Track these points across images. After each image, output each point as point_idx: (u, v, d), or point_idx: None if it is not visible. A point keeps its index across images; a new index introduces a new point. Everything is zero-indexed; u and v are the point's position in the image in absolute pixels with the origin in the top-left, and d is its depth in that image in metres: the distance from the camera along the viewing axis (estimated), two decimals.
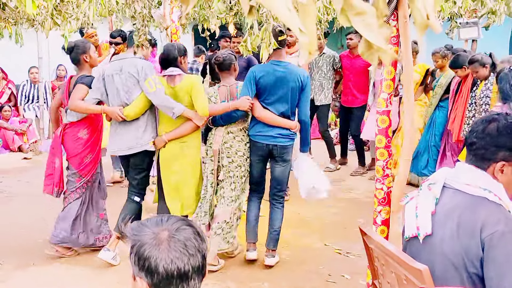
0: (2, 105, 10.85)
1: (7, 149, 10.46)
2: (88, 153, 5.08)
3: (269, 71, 4.76)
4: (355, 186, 7.59)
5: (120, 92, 4.73)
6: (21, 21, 8.69)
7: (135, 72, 4.69)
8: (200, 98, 4.65)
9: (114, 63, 4.86)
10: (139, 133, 4.78)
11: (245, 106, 4.69)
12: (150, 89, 4.61)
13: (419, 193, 2.43)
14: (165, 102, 4.62)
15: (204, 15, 7.38)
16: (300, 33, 0.97)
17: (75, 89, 4.89)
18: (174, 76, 4.75)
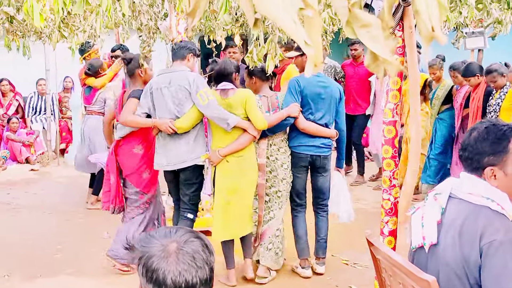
0: (10, 117, 10.90)
1: (14, 160, 10.49)
2: (145, 169, 4.95)
3: (312, 82, 4.78)
4: (362, 196, 7.57)
5: (170, 105, 4.59)
6: (28, 33, 8.75)
7: (186, 84, 4.56)
8: (257, 111, 4.58)
9: (162, 76, 4.72)
10: (190, 147, 4.64)
11: (296, 112, 4.67)
12: (202, 101, 4.48)
13: (425, 203, 2.42)
14: (219, 114, 4.49)
15: (210, 27, 7.39)
16: (306, 45, 0.98)
17: (127, 103, 4.82)
18: (227, 90, 4.64)
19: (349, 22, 1.12)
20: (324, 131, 4.83)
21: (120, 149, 4.95)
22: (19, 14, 4.76)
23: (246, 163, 4.64)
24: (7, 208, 7.33)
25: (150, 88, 4.70)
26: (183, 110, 4.59)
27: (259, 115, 4.57)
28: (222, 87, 4.66)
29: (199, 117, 4.61)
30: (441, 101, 7.31)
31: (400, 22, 3.72)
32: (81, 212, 6.97)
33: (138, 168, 4.92)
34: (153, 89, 4.67)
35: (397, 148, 4.01)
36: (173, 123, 4.56)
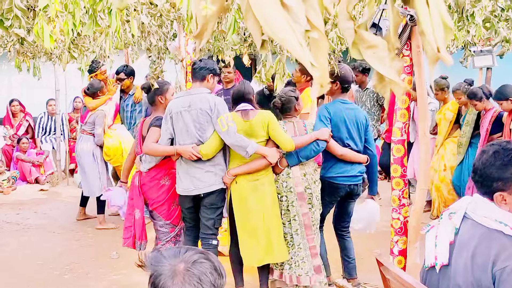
0: (20, 137, 10.98)
1: (24, 181, 10.55)
2: (173, 200, 4.83)
3: (340, 109, 4.74)
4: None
5: (191, 129, 4.48)
6: (39, 55, 8.85)
7: (207, 108, 4.45)
8: (282, 133, 4.48)
9: (180, 99, 4.60)
10: (216, 169, 4.54)
11: (326, 135, 4.55)
12: (222, 128, 4.36)
13: (440, 222, 2.40)
14: (238, 142, 4.37)
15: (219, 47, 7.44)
16: (312, 67, 0.99)
17: (149, 133, 4.71)
18: (247, 111, 4.55)
19: (355, 43, 1.13)
20: (359, 156, 4.76)
21: (145, 182, 4.82)
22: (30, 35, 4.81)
23: (263, 185, 4.52)
24: (17, 228, 7.35)
25: (170, 112, 4.57)
26: (205, 134, 4.48)
27: (285, 135, 4.48)
28: (243, 108, 4.58)
29: (222, 142, 4.48)
30: (472, 126, 6.94)
31: (407, 42, 3.74)
32: (90, 232, 6.97)
33: (167, 200, 4.80)
34: (172, 113, 4.54)
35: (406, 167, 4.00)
36: (197, 149, 4.44)
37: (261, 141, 4.51)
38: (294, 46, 0.97)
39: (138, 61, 10.05)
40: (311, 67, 0.98)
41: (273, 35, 1.00)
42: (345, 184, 4.72)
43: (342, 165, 4.73)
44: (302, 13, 1.01)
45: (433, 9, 1.01)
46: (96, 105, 7.24)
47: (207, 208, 4.60)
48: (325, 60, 1.02)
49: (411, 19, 3.58)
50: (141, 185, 4.80)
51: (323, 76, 1.02)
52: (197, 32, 1.17)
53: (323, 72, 1.01)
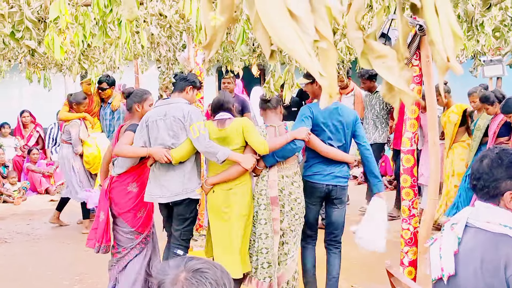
0: (30, 148, 11.04)
1: (34, 191, 10.59)
2: (141, 207, 4.77)
3: (325, 108, 4.56)
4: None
5: (165, 137, 4.52)
6: (49, 66, 8.92)
7: (181, 116, 4.51)
8: (255, 136, 4.43)
9: (158, 108, 4.67)
10: (185, 179, 4.53)
11: (303, 135, 4.43)
12: (194, 135, 4.40)
13: (442, 233, 2.40)
14: (208, 148, 4.38)
15: (228, 57, 7.48)
16: (320, 76, 0.98)
17: (123, 136, 4.72)
18: (224, 120, 4.57)
19: (364, 53, 1.13)
20: (342, 155, 4.60)
21: (113, 186, 4.77)
22: (40, 47, 4.85)
23: (236, 195, 4.49)
24: (27, 238, 7.38)
25: (146, 121, 4.63)
26: (178, 142, 4.52)
27: (258, 138, 4.42)
28: (219, 117, 4.59)
29: (193, 148, 4.51)
30: (483, 131, 6.83)
31: (417, 51, 3.73)
32: None
33: (133, 207, 4.74)
34: (149, 122, 4.61)
35: (416, 177, 3.99)
36: (169, 152, 4.47)
37: (238, 148, 4.50)
38: (303, 56, 0.97)
39: (148, 72, 10.10)
40: (320, 76, 0.98)
41: (282, 45, 1.00)
42: (321, 184, 4.58)
43: (322, 164, 4.60)
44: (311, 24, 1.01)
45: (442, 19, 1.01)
46: (63, 118, 7.66)
47: (175, 218, 4.64)
48: (333, 69, 1.02)
49: (420, 29, 3.58)
50: (110, 189, 4.75)
51: (331, 85, 1.02)
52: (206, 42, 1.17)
53: (331, 81, 1.00)
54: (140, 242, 4.76)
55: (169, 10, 5.07)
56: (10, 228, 7.97)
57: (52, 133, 11.44)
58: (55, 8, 3.37)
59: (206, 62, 5.57)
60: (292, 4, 0.99)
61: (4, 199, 9.91)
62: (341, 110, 4.67)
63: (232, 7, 1.12)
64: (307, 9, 1.00)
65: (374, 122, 7.92)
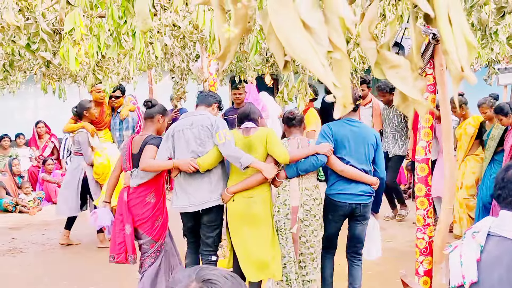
0: (45, 158, 11.12)
1: (49, 201, 10.65)
2: (158, 216, 4.86)
3: (344, 128, 4.64)
4: (396, 235, 7.45)
5: (193, 144, 4.60)
6: (64, 77, 9.00)
7: (209, 124, 4.60)
8: (278, 146, 4.52)
9: (184, 119, 4.75)
10: (212, 187, 4.62)
11: (325, 150, 4.50)
12: (220, 140, 4.49)
13: (463, 241, 2.38)
14: (233, 152, 4.47)
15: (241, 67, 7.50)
16: (334, 87, 0.99)
17: (146, 150, 4.75)
18: (249, 128, 4.67)
19: (378, 63, 1.13)
20: (364, 176, 4.62)
21: (132, 198, 4.85)
22: (55, 58, 4.91)
23: (257, 203, 4.55)
24: (42, 248, 7.42)
25: (172, 132, 4.71)
26: (205, 149, 4.60)
27: (281, 148, 4.50)
28: (245, 126, 4.71)
29: (220, 155, 4.58)
30: (496, 141, 6.73)
31: (431, 60, 3.72)
32: None
33: (151, 217, 4.83)
34: (174, 132, 4.69)
35: (431, 186, 3.96)
36: (195, 161, 4.54)
37: (260, 157, 4.56)
38: (316, 67, 0.98)
39: (162, 82, 10.15)
40: (334, 87, 0.99)
41: (295, 55, 1.01)
42: (346, 203, 4.62)
43: (344, 183, 4.63)
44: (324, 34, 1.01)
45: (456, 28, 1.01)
46: (65, 129, 7.44)
47: (206, 226, 4.71)
48: (347, 80, 1.03)
49: (433, 38, 3.57)
50: (128, 200, 4.83)
51: (345, 96, 1.02)
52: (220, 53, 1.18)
53: (345, 92, 1.01)
54: (155, 251, 4.83)
55: (183, 21, 5.11)
56: (26, 238, 8.02)
57: (67, 143, 11.51)
58: (70, 20, 3.40)
59: (220, 73, 5.59)
60: (305, 15, 0.99)
61: (20, 209, 9.97)
62: (364, 130, 4.72)
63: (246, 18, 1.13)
64: (321, 20, 1.01)
65: (393, 136, 7.91)
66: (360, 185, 4.63)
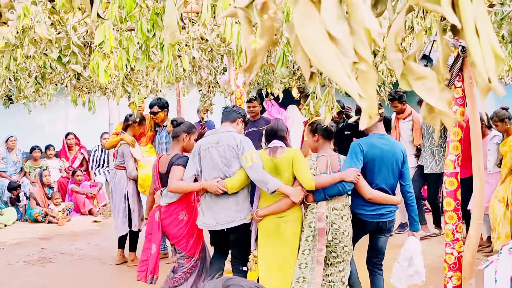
0: (75, 169, 11.27)
1: (78, 212, 10.78)
2: (192, 233, 4.93)
3: (375, 144, 4.60)
4: (424, 249, 7.34)
5: (218, 164, 4.65)
6: (94, 89, 9.13)
7: (234, 145, 4.63)
8: (304, 171, 4.47)
9: (210, 137, 4.81)
10: (238, 207, 4.67)
11: (351, 177, 4.44)
12: (247, 163, 4.52)
13: (499, 257, 2.35)
14: (261, 177, 4.48)
15: (268, 80, 7.53)
16: (360, 98, 0.99)
17: (173, 170, 4.82)
18: (276, 148, 4.64)
19: (404, 75, 1.13)
20: (390, 199, 4.62)
21: (164, 217, 4.91)
22: (86, 71, 4.99)
23: (287, 223, 4.55)
24: (70, 258, 7.50)
25: (198, 150, 4.78)
26: (231, 169, 4.64)
27: (306, 174, 4.45)
28: (272, 145, 4.67)
29: (248, 178, 4.62)
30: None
31: (460, 73, 3.69)
32: None
33: (186, 234, 4.89)
34: (201, 150, 4.75)
35: (460, 201, 3.91)
36: (222, 183, 4.59)
37: (287, 179, 4.55)
38: (342, 78, 0.98)
39: (189, 95, 10.23)
40: (359, 98, 0.99)
41: (321, 67, 1.01)
42: (373, 221, 4.62)
43: (371, 205, 4.61)
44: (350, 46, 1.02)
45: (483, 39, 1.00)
46: (108, 145, 7.16)
47: (233, 244, 4.81)
48: (373, 91, 1.03)
49: (462, 50, 3.54)
50: (161, 219, 4.90)
51: (371, 106, 1.02)
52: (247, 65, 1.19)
53: (371, 102, 1.01)
54: (192, 266, 4.90)
55: (210, 34, 5.15)
56: (55, 248, 8.12)
57: (96, 155, 11.65)
58: (100, 33, 3.46)
59: (247, 85, 5.62)
60: (331, 27, 1.00)
61: (49, 219, 10.12)
62: (392, 146, 4.68)
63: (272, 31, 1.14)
64: (346, 31, 1.01)
65: (432, 151, 7.73)
66: (387, 206, 4.64)
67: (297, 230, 4.58)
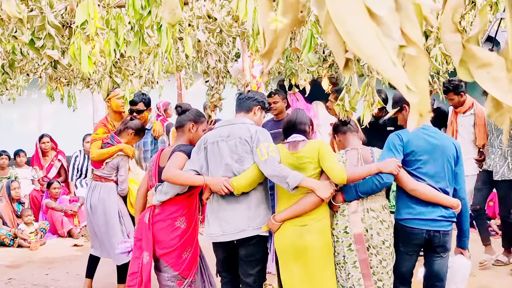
0: (51, 180, 11.25)
1: (54, 234, 10.78)
2: (187, 246, 4.88)
3: (418, 135, 4.60)
4: (490, 283, 7.28)
5: (228, 160, 4.63)
6: (74, 80, 9.18)
7: (247, 136, 4.61)
8: (332, 162, 4.46)
9: (220, 129, 4.81)
10: (251, 213, 4.60)
11: (391, 167, 4.44)
12: (261, 157, 4.46)
13: None
14: (278, 172, 4.42)
15: (292, 68, 7.52)
16: (408, 91, 0.99)
17: (173, 157, 4.80)
18: (297, 142, 4.65)
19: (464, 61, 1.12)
20: (442, 197, 4.56)
21: (157, 220, 4.87)
22: (64, 58, 5.02)
23: (312, 233, 4.50)
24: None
25: (205, 142, 4.75)
26: (243, 167, 4.60)
27: (335, 165, 4.45)
28: (292, 139, 4.67)
29: (260, 175, 4.56)
30: None
31: None
32: None
33: (179, 246, 4.84)
34: (208, 143, 4.72)
35: None
36: (229, 181, 4.54)
37: (312, 175, 4.53)
38: (385, 65, 0.98)
39: (193, 87, 10.27)
40: (407, 91, 0.98)
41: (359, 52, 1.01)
42: (421, 229, 4.55)
43: (418, 205, 4.57)
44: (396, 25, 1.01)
45: None
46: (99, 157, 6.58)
47: (244, 261, 4.68)
48: (425, 82, 1.02)
49: None
50: (153, 223, 4.84)
51: (422, 102, 1.01)
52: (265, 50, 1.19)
53: (422, 96, 1.00)
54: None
55: (220, 12, 5.16)
56: (26, 278, 8.15)
57: (77, 162, 11.69)
58: (82, 11, 3.49)
59: (265, 75, 5.62)
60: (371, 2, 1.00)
61: (19, 243, 10.14)
62: (441, 139, 4.68)
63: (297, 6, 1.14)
64: (391, 7, 1.01)
65: (503, 153, 7.40)
66: (438, 208, 4.57)
67: (328, 241, 4.56)
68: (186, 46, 4.70)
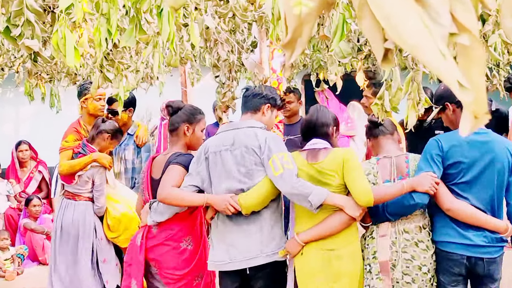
0: (30, 196, 11.23)
1: (34, 260, 10.79)
2: (198, 273, 4.88)
3: (462, 141, 4.51)
4: None
5: (234, 174, 4.61)
6: (58, 76, 9.19)
7: (256, 146, 4.58)
8: (359, 178, 4.42)
9: (223, 135, 4.79)
10: (264, 236, 4.58)
11: (426, 186, 4.40)
12: (275, 172, 4.42)
13: None
14: (297, 188, 4.36)
15: (320, 60, 7.51)
16: (460, 88, 0.98)
17: (168, 171, 4.79)
18: (317, 151, 4.62)
19: None
20: (486, 220, 4.52)
21: (155, 244, 4.85)
22: (46, 49, 5.04)
23: (341, 259, 4.47)
24: None
25: (206, 152, 4.74)
26: (253, 182, 4.58)
27: (361, 183, 4.41)
28: (311, 146, 4.65)
29: (273, 192, 4.54)
30: None
31: None
32: None
33: (189, 272, 4.83)
34: (209, 153, 4.71)
35: None
36: (235, 199, 4.51)
37: (336, 191, 4.50)
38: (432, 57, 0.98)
39: (200, 83, 10.29)
40: (459, 88, 0.98)
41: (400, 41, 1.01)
42: (462, 255, 4.51)
43: (457, 225, 4.54)
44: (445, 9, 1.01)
45: None
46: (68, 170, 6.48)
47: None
48: (481, 76, 1.02)
49: None
50: (151, 247, 4.83)
51: (478, 101, 1.01)
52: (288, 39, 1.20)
53: (478, 95, 1.00)
54: None
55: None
56: None
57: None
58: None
59: (288, 68, 5.63)
60: None
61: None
62: (491, 143, 4.60)
63: None
64: None
65: None
66: (483, 230, 4.53)
67: (358, 269, 4.54)
68: (192, 34, 4.71)
